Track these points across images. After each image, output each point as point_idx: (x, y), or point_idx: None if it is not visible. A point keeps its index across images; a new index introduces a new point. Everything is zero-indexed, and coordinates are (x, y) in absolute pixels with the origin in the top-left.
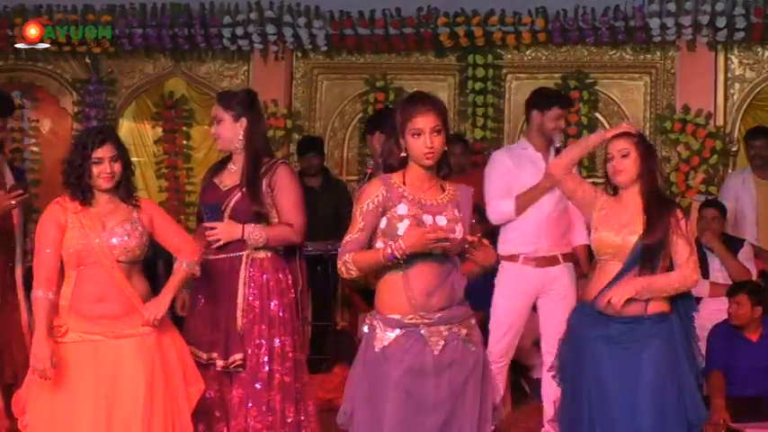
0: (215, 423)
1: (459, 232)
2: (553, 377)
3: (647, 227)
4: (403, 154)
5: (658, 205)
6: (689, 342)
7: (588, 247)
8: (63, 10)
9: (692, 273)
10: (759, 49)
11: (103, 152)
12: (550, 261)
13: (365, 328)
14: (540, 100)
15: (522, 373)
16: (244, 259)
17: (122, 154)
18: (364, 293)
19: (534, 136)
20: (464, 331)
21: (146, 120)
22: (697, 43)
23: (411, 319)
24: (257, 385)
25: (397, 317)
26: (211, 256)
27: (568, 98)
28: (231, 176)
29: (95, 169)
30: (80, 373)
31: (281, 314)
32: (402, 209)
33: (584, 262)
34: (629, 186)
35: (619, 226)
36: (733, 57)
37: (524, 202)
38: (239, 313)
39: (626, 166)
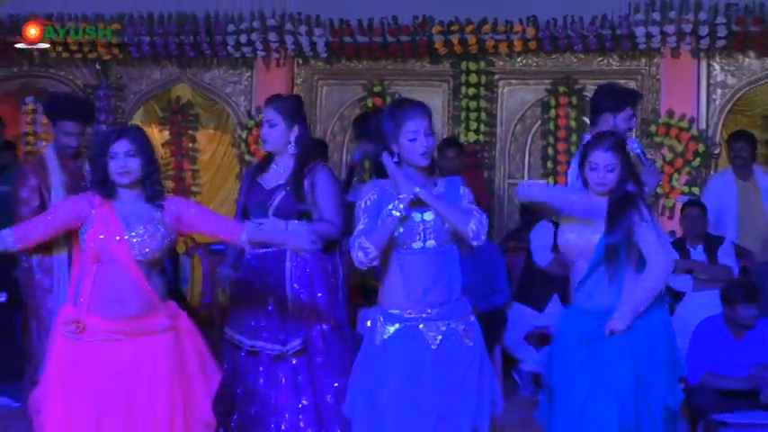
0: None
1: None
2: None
3: (609, 225)
4: (395, 159)
5: (620, 202)
6: (665, 329)
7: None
8: (74, 18)
9: (663, 259)
10: (740, 57)
11: (119, 147)
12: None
13: (368, 323)
14: (610, 102)
15: (513, 365)
16: (288, 254)
17: (143, 151)
18: (362, 290)
19: None
20: (462, 327)
21: (153, 124)
22: (681, 51)
23: (410, 313)
24: (311, 366)
25: (396, 311)
26: (258, 251)
27: (637, 93)
28: (274, 177)
29: (112, 164)
30: (101, 373)
31: (326, 301)
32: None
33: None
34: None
35: (582, 226)
36: (715, 63)
37: None
38: (288, 303)
39: (610, 180)
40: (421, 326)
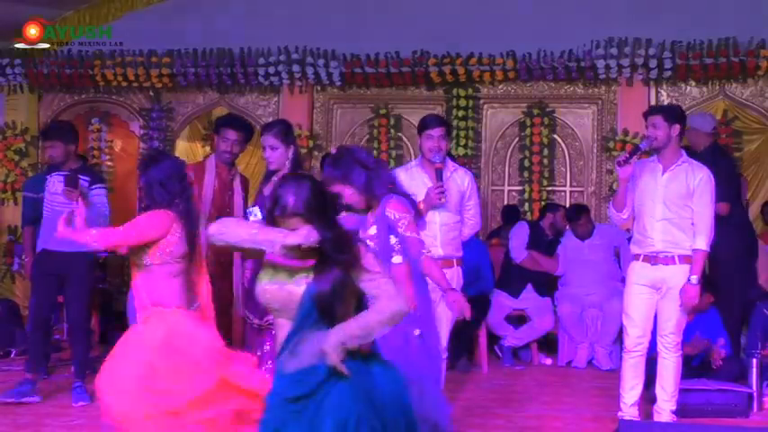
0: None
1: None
2: None
3: (316, 274)
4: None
5: (326, 253)
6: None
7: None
8: (133, 54)
9: (395, 307)
10: (683, 85)
11: None
12: (665, 260)
13: None
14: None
15: (495, 342)
16: None
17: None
18: None
19: None
20: None
21: (197, 140)
22: (634, 80)
23: None
24: None
25: None
26: None
27: (660, 107)
28: (272, 186)
29: None
30: None
31: None
32: None
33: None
34: None
35: (284, 277)
36: (662, 91)
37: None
38: None
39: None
40: None
